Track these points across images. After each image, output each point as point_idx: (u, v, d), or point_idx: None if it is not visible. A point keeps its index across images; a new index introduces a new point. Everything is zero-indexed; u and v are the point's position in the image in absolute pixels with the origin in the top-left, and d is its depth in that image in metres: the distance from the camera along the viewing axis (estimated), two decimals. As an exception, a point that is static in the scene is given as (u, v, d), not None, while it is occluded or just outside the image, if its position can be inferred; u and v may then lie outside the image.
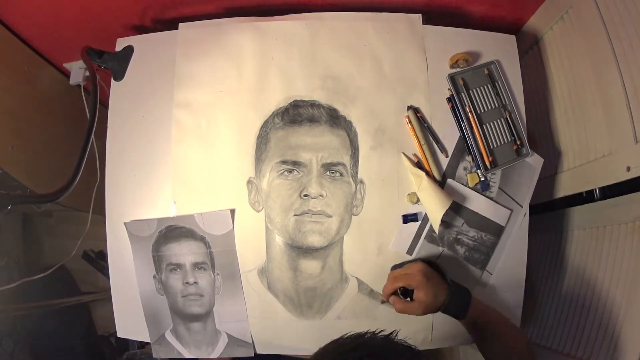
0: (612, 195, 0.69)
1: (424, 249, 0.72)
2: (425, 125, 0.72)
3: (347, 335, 0.46)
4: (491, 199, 0.72)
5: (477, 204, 0.72)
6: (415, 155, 0.72)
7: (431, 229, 0.71)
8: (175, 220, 0.72)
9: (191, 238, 0.71)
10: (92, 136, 0.66)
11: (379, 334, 0.45)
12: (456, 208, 0.71)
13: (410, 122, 0.72)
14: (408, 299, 0.63)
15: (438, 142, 0.72)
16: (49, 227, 1.45)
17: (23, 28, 0.87)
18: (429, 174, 0.70)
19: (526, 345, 0.61)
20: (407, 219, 0.71)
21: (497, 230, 0.73)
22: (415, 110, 0.72)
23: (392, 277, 0.64)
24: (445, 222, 0.71)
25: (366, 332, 0.46)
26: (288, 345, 0.72)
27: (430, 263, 0.64)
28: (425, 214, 0.71)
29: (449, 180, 0.72)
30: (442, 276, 0.62)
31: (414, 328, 0.71)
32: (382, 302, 0.66)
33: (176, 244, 0.72)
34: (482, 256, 0.73)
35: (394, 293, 0.64)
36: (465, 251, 0.72)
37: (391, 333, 0.45)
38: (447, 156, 0.72)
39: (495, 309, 0.63)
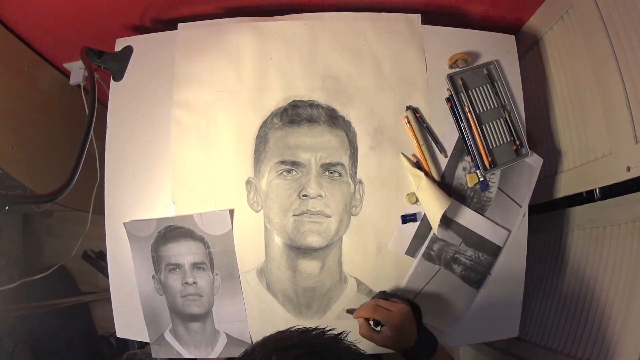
0: (612, 195, 0.69)
1: (421, 267, 0.72)
2: (425, 125, 0.72)
3: (293, 329, 0.44)
4: (490, 219, 0.72)
5: (476, 223, 0.72)
6: (414, 155, 0.72)
7: (432, 241, 0.71)
8: (175, 220, 0.72)
9: (190, 238, 0.71)
10: (91, 136, 0.66)
11: (328, 332, 0.43)
12: (455, 227, 0.72)
13: (409, 122, 0.71)
14: (376, 326, 0.62)
15: (437, 142, 0.72)
16: (49, 227, 1.45)
17: (23, 28, 0.87)
18: (427, 174, 0.70)
19: None
20: (406, 219, 0.71)
21: (494, 251, 0.73)
22: (414, 111, 0.72)
23: (374, 305, 0.62)
24: (443, 241, 0.71)
25: (315, 329, 0.43)
26: (287, 346, 0.72)
27: (415, 308, 0.64)
28: (425, 214, 0.71)
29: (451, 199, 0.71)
30: (417, 324, 0.61)
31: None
32: (348, 312, 0.66)
33: (175, 244, 0.72)
34: (478, 276, 0.73)
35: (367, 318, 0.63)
36: (462, 270, 0.72)
37: (340, 333, 0.43)
38: (446, 156, 0.72)
39: None
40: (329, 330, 0.43)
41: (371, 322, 0.62)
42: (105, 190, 0.75)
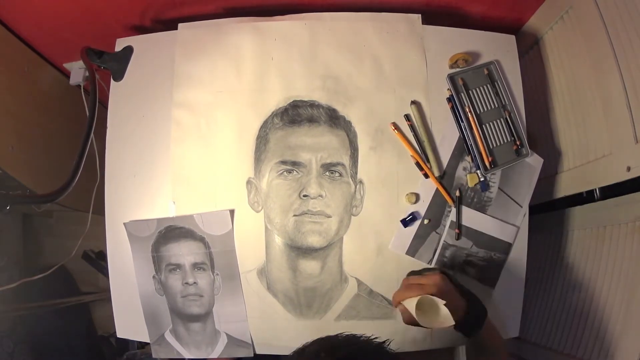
0: (612, 195, 0.69)
1: None
2: (414, 133, 0.72)
3: (344, 334, 0.48)
4: (496, 217, 0.72)
5: (484, 224, 0.72)
6: (413, 156, 0.72)
7: (443, 248, 0.71)
8: (175, 220, 0.72)
9: (190, 238, 0.71)
10: (92, 136, 0.66)
11: (374, 340, 0.48)
12: (464, 230, 0.72)
13: (396, 129, 0.72)
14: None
15: (434, 149, 0.72)
16: (49, 227, 1.44)
17: (23, 28, 0.87)
18: (428, 176, 0.70)
19: None
20: (407, 222, 0.71)
21: (505, 248, 0.73)
22: (407, 117, 0.72)
23: (405, 284, 0.58)
24: (454, 246, 0.72)
25: (362, 335, 0.48)
26: (287, 346, 0.72)
27: (448, 275, 0.59)
28: (426, 211, 0.71)
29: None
30: (459, 291, 0.57)
31: (414, 328, 0.71)
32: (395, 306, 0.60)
33: (176, 244, 0.72)
34: (492, 274, 0.73)
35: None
36: (476, 272, 0.72)
37: (384, 342, 0.48)
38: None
39: (501, 336, 0.63)
40: (375, 338, 0.48)
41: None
42: (105, 190, 0.75)
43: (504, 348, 0.62)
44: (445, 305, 0.51)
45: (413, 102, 0.72)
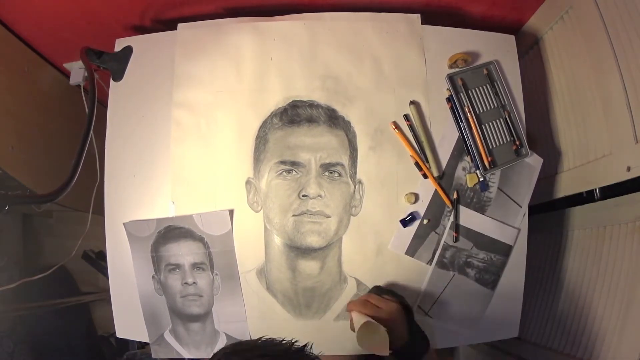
0: (612, 195, 0.69)
1: (436, 275, 0.72)
2: (413, 133, 0.72)
3: (263, 338, 0.47)
4: (497, 219, 0.72)
5: (485, 226, 0.72)
6: (412, 156, 0.72)
7: (444, 249, 0.71)
8: (174, 220, 0.72)
9: (190, 238, 0.71)
10: (91, 136, 0.66)
11: (288, 343, 0.46)
12: (464, 232, 0.72)
13: (396, 127, 0.71)
14: None
15: (432, 149, 0.72)
16: (49, 227, 1.44)
17: (23, 28, 0.87)
18: (427, 176, 0.70)
19: None
20: (406, 223, 0.71)
21: (506, 250, 0.73)
22: (406, 117, 0.72)
23: (364, 299, 0.61)
24: (455, 247, 0.72)
25: (281, 340, 0.47)
26: (287, 346, 0.72)
27: (407, 308, 0.62)
28: (425, 211, 0.71)
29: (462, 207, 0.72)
30: (407, 328, 0.59)
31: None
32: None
33: (175, 244, 0.72)
34: (492, 277, 0.73)
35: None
36: (476, 273, 0.72)
37: (305, 345, 0.46)
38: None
39: None
40: (295, 342, 0.46)
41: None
42: (105, 190, 0.75)
43: None
44: (387, 332, 0.52)
45: (412, 102, 0.72)
